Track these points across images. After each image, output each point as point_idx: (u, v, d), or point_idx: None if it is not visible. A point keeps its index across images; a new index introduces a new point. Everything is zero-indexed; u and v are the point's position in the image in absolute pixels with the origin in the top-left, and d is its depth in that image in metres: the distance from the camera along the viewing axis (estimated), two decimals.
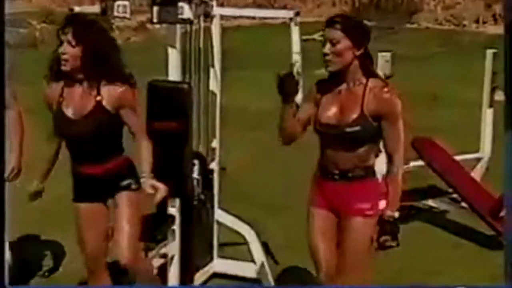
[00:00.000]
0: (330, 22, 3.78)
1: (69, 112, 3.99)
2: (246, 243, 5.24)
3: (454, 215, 6.36)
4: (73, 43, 3.80)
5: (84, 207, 4.23)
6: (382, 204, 3.86)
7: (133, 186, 4.14)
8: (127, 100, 4.00)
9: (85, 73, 3.92)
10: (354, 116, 3.79)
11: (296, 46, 4.88)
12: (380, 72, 5.88)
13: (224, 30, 5.19)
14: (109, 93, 3.96)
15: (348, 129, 3.79)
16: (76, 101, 3.99)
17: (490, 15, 16.22)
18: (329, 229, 4.02)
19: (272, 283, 5.16)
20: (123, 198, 4.16)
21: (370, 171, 3.88)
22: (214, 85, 5.05)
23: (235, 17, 8.70)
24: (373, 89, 3.78)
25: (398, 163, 3.82)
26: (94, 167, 4.11)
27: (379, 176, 3.99)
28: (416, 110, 8.36)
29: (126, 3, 4.50)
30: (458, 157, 6.34)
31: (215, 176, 5.16)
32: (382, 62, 5.90)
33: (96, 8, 4.68)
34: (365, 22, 4.17)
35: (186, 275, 4.85)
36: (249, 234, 5.20)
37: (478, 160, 6.47)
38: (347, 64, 3.77)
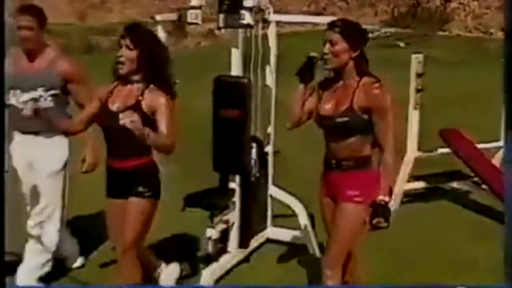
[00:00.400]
0: (331, 25, 3.72)
1: (113, 107, 3.85)
2: (295, 214, 5.20)
3: (475, 195, 6.28)
4: (131, 47, 3.73)
5: (111, 200, 4.07)
6: (373, 191, 3.69)
7: (146, 194, 3.93)
8: (164, 108, 3.82)
9: (137, 75, 3.83)
10: (344, 108, 3.71)
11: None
12: (413, 71, 5.98)
13: (280, 36, 5.14)
14: (150, 98, 3.80)
15: (338, 120, 3.72)
16: (121, 98, 3.88)
17: None
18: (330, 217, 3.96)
19: (316, 249, 5.09)
20: (134, 203, 3.93)
21: (362, 161, 3.76)
22: (269, 80, 5.04)
23: (289, 24, 8.65)
24: (364, 86, 3.69)
25: (388, 153, 3.69)
26: (122, 162, 3.93)
27: None
28: (445, 109, 8.39)
29: (198, 11, 4.50)
30: (479, 146, 6.29)
31: (270, 157, 5.14)
32: (415, 63, 5.90)
33: (173, 16, 4.66)
34: (401, 29, 4.20)
35: (244, 239, 4.87)
36: (298, 207, 5.18)
37: (498, 148, 6.38)
38: (343, 63, 3.70)
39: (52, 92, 4.48)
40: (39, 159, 4.57)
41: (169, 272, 4.45)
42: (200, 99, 6.27)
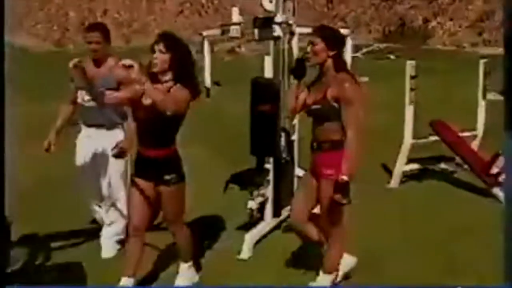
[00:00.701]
0: (314, 31, 3.77)
1: (146, 101, 3.69)
2: None
3: (459, 174, 6.28)
4: (163, 50, 3.61)
5: (137, 179, 3.89)
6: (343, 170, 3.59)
7: (174, 180, 3.80)
8: (185, 105, 3.71)
9: (166, 75, 3.71)
10: (319, 98, 3.68)
11: (348, 54, 4.85)
12: (407, 74, 5.96)
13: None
14: (175, 94, 3.67)
15: (313, 107, 3.72)
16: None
17: (481, 40, 16.03)
18: (309, 188, 3.87)
19: None
20: (168, 193, 3.81)
21: (336, 144, 3.66)
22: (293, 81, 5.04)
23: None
24: (337, 79, 3.65)
25: (350, 138, 3.59)
26: (150, 150, 3.79)
27: None
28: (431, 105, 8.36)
29: (238, 27, 4.51)
30: (461, 134, 6.31)
31: (295, 144, 5.15)
32: (409, 67, 5.93)
33: (217, 31, 4.66)
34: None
35: (277, 210, 4.90)
36: None
37: (474, 136, 6.46)
38: (322, 61, 3.68)
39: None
40: (104, 148, 4.60)
41: (188, 275, 4.11)
42: (235, 100, 6.33)
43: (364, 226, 4.89)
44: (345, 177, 3.55)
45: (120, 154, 4.45)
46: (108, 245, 4.59)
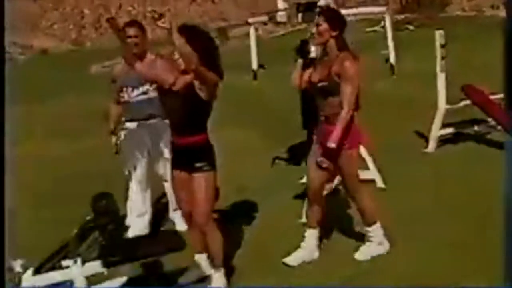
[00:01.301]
0: (319, 12, 4.17)
1: (175, 88, 3.88)
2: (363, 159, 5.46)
3: (492, 135, 6.54)
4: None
5: (174, 172, 4.04)
6: (353, 137, 4.02)
7: (205, 168, 3.91)
8: (216, 89, 3.90)
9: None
10: (324, 75, 4.04)
11: (388, 28, 5.31)
12: (437, 43, 6.36)
13: None
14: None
15: (319, 84, 4.07)
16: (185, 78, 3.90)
17: (501, 2, 16.12)
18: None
19: (381, 181, 5.53)
20: (198, 179, 3.90)
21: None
22: None
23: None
24: (340, 58, 4.01)
25: (345, 111, 3.96)
26: (181, 138, 3.93)
27: None
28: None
29: (284, 13, 4.88)
30: (492, 96, 6.53)
31: None
32: (439, 36, 6.30)
33: (265, 18, 5.08)
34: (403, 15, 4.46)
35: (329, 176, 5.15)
36: (364, 152, 5.39)
37: (502, 99, 6.61)
38: (325, 41, 4.04)
39: (155, 86, 4.61)
40: (152, 140, 4.91)
41: (218, 279, 4.08)
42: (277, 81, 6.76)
43: (402, 189, 5.40)
44: (333, 144, 3.95)
45: None
46: (180, 219, 4.83)
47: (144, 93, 4.87)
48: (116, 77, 5.04)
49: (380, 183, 5.56)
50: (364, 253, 4.30)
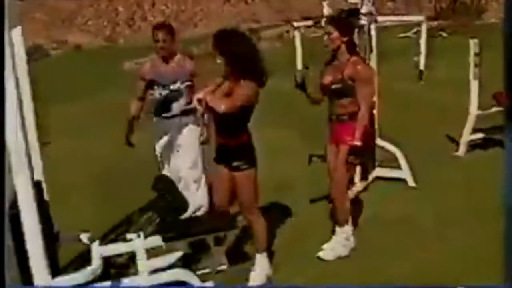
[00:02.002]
0: (329, 21, 4.50)
1: (217, 92, 4.10)
2: (396, 158, 6.04)
3: None
4: (219, 55, 4.04)
5: (218, 166, 4.29)
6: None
7: (243, 166, 4.13)
8: (252, 95, 4.05)
9: (232, 72, 4.05)
10: (338, 78, 4.38)
11: (423, 35, 5.76)
12: (471, 51, 6.65)
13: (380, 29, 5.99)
14: (242, 88, 4.03)
15: (333, 86, 4.43)
16: (224, 88, 4.13)
17: None
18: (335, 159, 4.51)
19: (412, 181, 5.89)
20: (238, 177, 4.15)
21: (352, 115, 4.38)
22: (373, 62, 5.79)
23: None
24: (352, 62, 4.36)
25: (363, 111, 4.32)
26: (224, 139, 4.17)
27: None
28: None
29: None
30: None
31: (376, 118, 5.80)
32: (473, 45, 6.65)
33: (310, 22, 5.59)
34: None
35: (364, 174, 5.78)
36: (398, 152, 6.03)
37: None
38: (337, 47, 4.38)
39: (185, 84, 5.07)
40: (180, 136, 5.12)
41: (263, 265, 4.37)
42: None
43: (432, 189, 5.76)
44: (358, 143, 4.31)
45: (205, 141, 5.01)
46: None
47: (174, 91, 5.08)
48: (145, 75, 5.21)
49: (411, 182, 5.98)
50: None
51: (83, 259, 4.06)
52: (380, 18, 5.72)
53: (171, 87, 5.08)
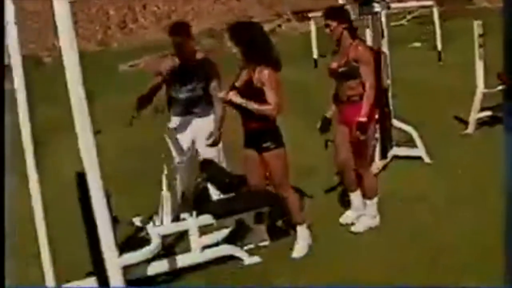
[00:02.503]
0: (324, 14, 4.78)
1: (237, 83, 4.43)
2: (412, 138, 6.42)
3: None
4: (234, 45, 4.33)
5: (246, 150, 4.55)
6: (372, 113, 4.67)
7: (271, 146, 4.41)
8: (268, 81, 4.30)
9: (249, 61, 4.35)
10: (343, 61, 4.71)
11: (436, 19, 6.04)
12: (476, 32, 7.03)
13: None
14: (258, 74, 4.31)
15: (341, 69, 4.74)
16: (242, 77, 4.44)
17: None
18: (345, 137, 4.83)
19: (427, 158, 6.27)
20: (267, 157, 4.43)
21: (362, 96, 4.68)
22: (385, 48, 6.17)
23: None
24: (354, 45, 4.70)
25: (368, 89, 4.64)
26: (250, 123, 4.43)
27: None
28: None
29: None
30: None
31: (390, 100, 6.37)
32: (477, 27, 7.01)
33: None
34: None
35: (383, 153, 6.08)
36: (413, 132, 6.41)
37: None
38: (340, 34, 4.73)
39: (201, 84, 5.15)
40: (200, 134, 5.20)
41: (304, 235, 4.63)
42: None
43: (444, 165, 6.12)
44: (363, 119, 4.62)
45: (214, 143, 5.14)
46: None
47: (191, 90, 5.14)
48: (161, 71, 5.27)
49: (427, 159, 6.38)
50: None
51: (134, 241, 4.43)
52: (393, 5, 6.20)
53: (188, 86, 5.13)
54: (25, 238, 4.24)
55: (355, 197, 5.05)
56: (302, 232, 4.64)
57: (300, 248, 4.61)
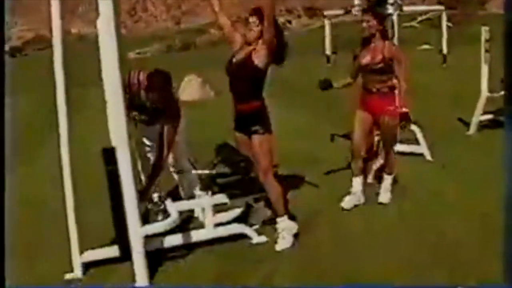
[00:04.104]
0: (365, 11, 5.19)
1: (233, 59, 4.54)
2: (415, 134, 6.76)
3: None
4: (257, 23, 4.45)
5: (237, 133, 4.70)
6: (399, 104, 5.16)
7: (260, 131, 4.50)
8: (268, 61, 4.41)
9: (258, 43, 4.43)
10: (379, 58, 5.16)
11: (444, 23, 6.42)
12: (483, 37, 7.42)
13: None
14: (259, 55, 4.42)
15: (378, 66, 5.19)
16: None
17: None
18: (366, 124, 5.32)
19: (429, 155, 6.59)
20: (255, 140, 4.51)
21: (392, 88, 5.23)
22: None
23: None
24: (388, 45, 5.19)
25: (402, 84, 5.16)
26: (241, 105, 4.53)
27: None
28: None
29: (358, 8, 6.01)
30: None
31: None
32: (484, 32, 7.38)
33: (341, 11, 6.15)
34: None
35: None
36: (417, 130, 6.73)
37: None
38: (374, 33, 5.16)
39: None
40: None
41: (286, 226, 4.68)
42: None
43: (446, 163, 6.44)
44: (404, 109, 5.21)
45: None
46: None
47: None
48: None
49: (428, 157, 6.74)
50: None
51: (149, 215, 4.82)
52: (406, 8, 6.50)
53: None
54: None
55: (357, 182, 5.49)
56: (282, 224, 4.69)
57: (282, 240, 4.67)
